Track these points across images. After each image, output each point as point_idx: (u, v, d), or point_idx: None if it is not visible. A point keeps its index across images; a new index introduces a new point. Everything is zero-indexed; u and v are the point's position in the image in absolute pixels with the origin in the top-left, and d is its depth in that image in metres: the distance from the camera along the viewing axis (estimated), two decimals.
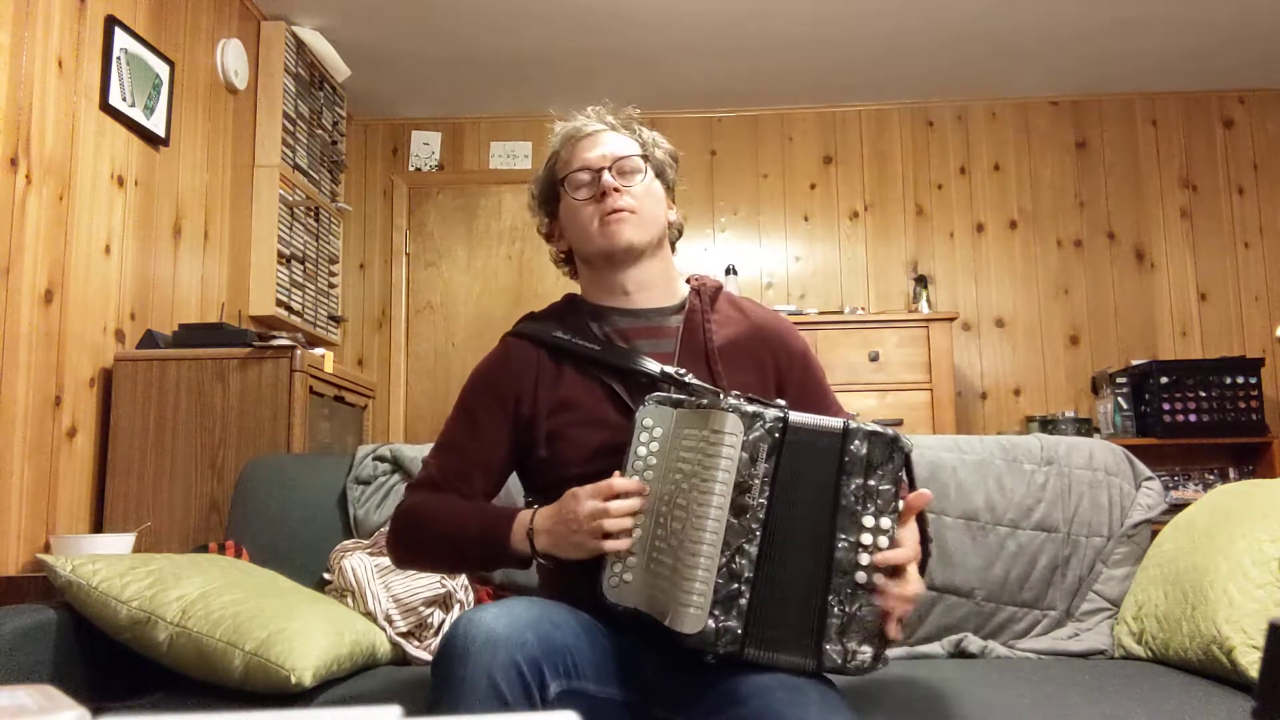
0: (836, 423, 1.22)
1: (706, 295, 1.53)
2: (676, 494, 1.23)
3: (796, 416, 1.22)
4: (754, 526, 1.18)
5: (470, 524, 1.39)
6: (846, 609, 1.18)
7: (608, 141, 1.50)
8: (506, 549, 1.34)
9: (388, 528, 1.49)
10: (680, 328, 1.48)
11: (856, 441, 1.20)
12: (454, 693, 1.08)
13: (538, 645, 1.12)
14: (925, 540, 1.29)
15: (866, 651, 1.18)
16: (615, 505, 1.25)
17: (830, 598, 1.18)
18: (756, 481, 1.19)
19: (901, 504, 1.21)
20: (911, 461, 1.25)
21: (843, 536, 1.19)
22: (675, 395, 1.32)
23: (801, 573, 1.19)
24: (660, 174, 1.53)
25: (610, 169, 1.46)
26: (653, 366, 1.40)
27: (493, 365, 1.51)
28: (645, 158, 1.50)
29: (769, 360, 1.49)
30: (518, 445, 1.47)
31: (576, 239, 1.51)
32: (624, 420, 1.37)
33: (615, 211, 1.44)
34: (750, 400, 1.24)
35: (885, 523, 1.19)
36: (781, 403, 1.25)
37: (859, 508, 1.19)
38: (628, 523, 1.25)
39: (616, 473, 1.29)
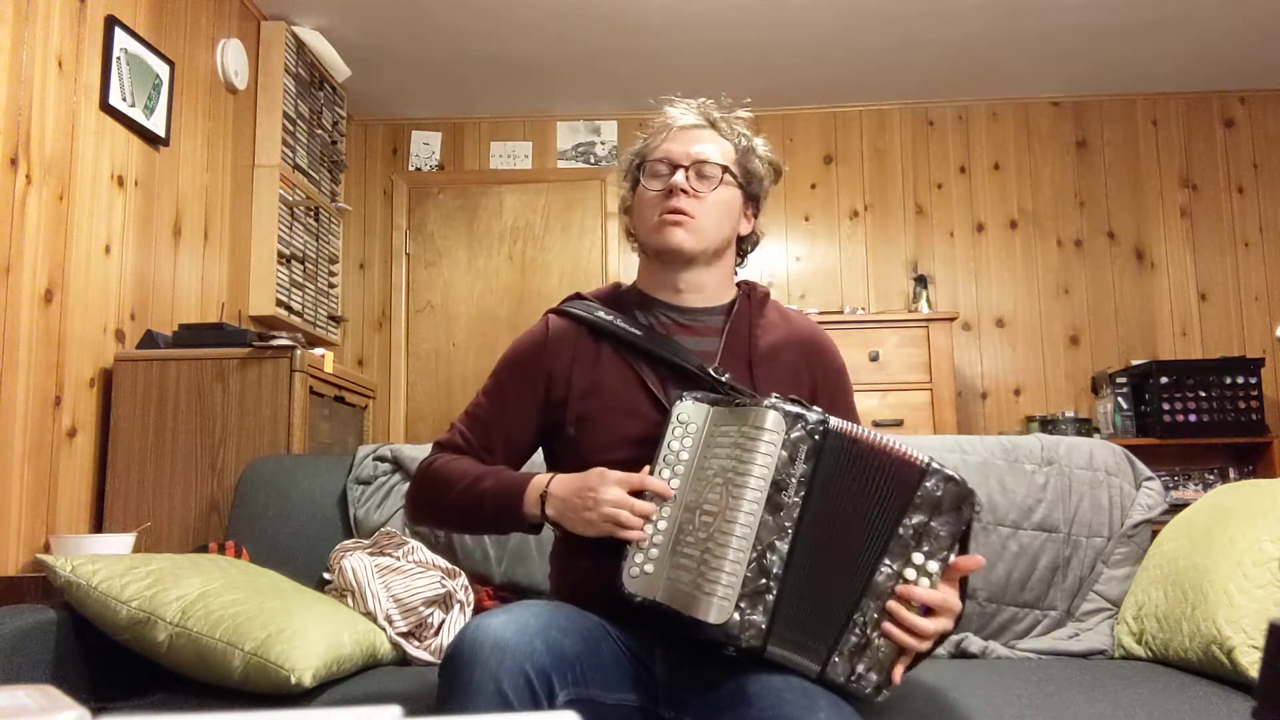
0: (921, 456, 1.21)
1: (756, 300, 1.53)
2: (708, 488, 1.22)
3: (836, 422, 1.22)
4: (787, 525, 1.19)
5: (485, 482, 1.39)
6: (867, 632, 1.18)
7: (697, 139, 1.48)
8: (519, 510, 1.34)
9: (409, 485, 1.51)
10: (725, 328, 1.48)
11: (933, 481, 1.20)
12: (461, 699, 1.07)
13: (547, 654, 1.11)
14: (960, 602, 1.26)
15: (871, 679, 1.18)
16: (638, 504, 1.25)
17: (856, 615, 1.18)
18: (793, 481, 1.19)
19: (952, 556, 1.20)
20: (972, 525, 1.23)
21: (888, 563, 1.19)
22: (712, 394, 1.32)
23: (834, 582, 1.19)
24: (746, 184, 1.50)
25: (688, 169, 1.44)
26: (693, 361, 1.41)
27: (530, 341, 1.51)
28: (726, 168, 1.47)
29: (806, 372, 1.49)
30: (545, 424, 1.48)
31: (637, 226, 1.52)
32: (654, 413, 1.37)
33: (673, 213, 1.43)
34: (792, 401, 1.24)
35: (932, 566, 1.19)
36: (819, 409, 1.25)
37: (913, 543, 1.19)
38: (641, 522, 1.25)
39: (648, 468, 1.29)
